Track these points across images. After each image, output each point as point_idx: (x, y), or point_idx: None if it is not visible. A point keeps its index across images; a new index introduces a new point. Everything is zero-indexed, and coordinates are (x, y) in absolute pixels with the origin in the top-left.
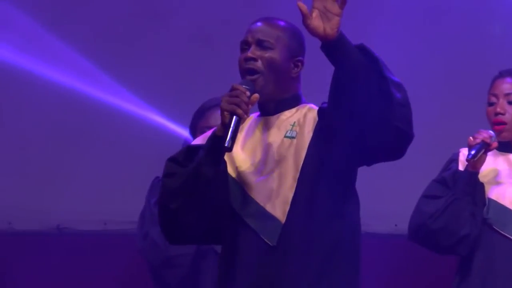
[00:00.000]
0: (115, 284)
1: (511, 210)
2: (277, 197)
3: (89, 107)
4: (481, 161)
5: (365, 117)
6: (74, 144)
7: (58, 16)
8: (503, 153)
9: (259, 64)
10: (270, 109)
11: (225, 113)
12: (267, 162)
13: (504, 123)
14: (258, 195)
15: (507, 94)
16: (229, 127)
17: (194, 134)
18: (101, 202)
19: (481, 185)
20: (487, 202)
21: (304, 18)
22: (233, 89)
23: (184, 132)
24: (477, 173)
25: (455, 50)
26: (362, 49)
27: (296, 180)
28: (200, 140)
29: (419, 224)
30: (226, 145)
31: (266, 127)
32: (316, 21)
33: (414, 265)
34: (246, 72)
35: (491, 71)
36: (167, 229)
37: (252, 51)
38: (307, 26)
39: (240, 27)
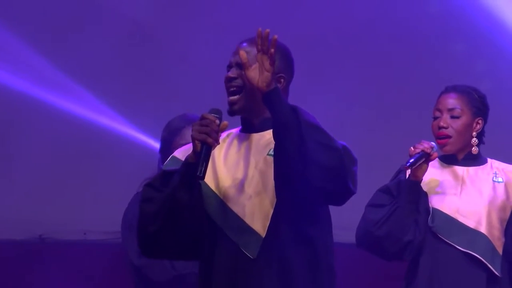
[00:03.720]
0: None
1: (454, 219)
2: (258, 212)
3: (69, 121)
4: (423, 170)
5: (290, 173)
6: (52, 158)
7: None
8: (448, 165)
9: (239, 82)
10: (254, 126)
11: (196, 142)
12: (249, 178)
13: (448, 137)
14: (240, 210)
15: (451, 109)
16: (200, 156)
17: (169, 150)
18: (81, 212)
19: (425, 194)
20: (431, 211)
21: (243, 66)
22: (202, 118)
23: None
24: (418, 182)
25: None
26: (294, 110)
27: (276, 197)
28: (179, 153)
29: (364, 231)
30: (198, 174)
31: (249, 145)
32: (253, 73)
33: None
34: (228, 93)
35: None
36: (146, 249)
37: (232, 71)
38: (245, 75)
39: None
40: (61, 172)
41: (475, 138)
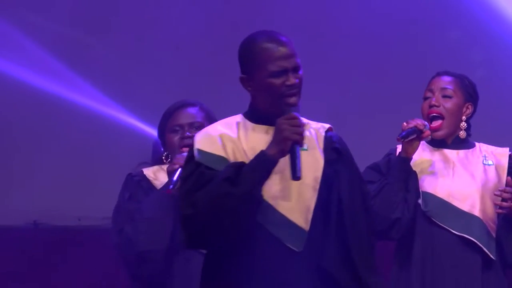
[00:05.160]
0: (89, 278)
1: (448, 203)
2: (299, 206)
3: (61, 106)
4: (413, 147)
5: None
6: (51, 143)
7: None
8: (437, 148)
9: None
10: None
11: (288, 141)
12: (285, 171)
13: (440, 117)
14: (279, 204)
15: (443, 89)
16: (296, 157)
17: (163, 134)
18: (76, 198)
19: (414, 173)
20: (422, 195)
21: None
22: (293, 117)
23: (154, 132)
24: (409, 159)
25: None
26: None
27: (317, 190)
28: (208, 147)
29: None
30: (298, 175)
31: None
32: None
33: None
34: (289, 94)
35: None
36: (197, 240)
37: (295, 76)
38: None
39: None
40: (55, 159)
41: (464, 122)
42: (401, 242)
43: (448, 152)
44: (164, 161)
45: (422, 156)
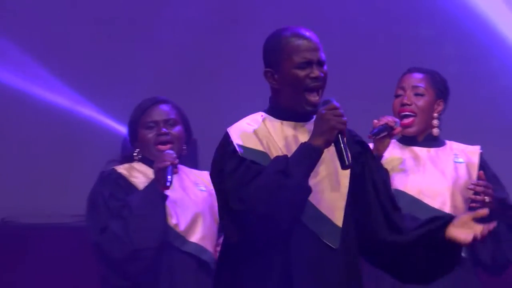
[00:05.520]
0: (59, 275)
1: (419, 201)
2: (332, 203)
3: (30, 103)
4: (384, 145)
5: None
6: (19, 140)
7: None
8: (407, 146)
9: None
10: (304, 116)
11: (334, 131)
12: (322, 171)
13: (412, 115)
14: (315, 200)
15: (415, 87)
16: (343, 145)
17: (136, 129)
18: (45, 196)
19: (386, 171)
20: (394, 192)
21: None
22: (335, 107)
23: (122, 129)
24: (380, 156)
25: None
26: None
27: (347, 187)
28: (247, 141)
29: None
30: (348, 163)
31: (303, 134)
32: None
33: None
34: (313, 88)
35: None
36: (250, 234)
37: (320, 70)
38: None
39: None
40: (24, 156)
41: (436, 120)
42: None
43: (419, 149)
44: (136, 158)
45: (393, 153)
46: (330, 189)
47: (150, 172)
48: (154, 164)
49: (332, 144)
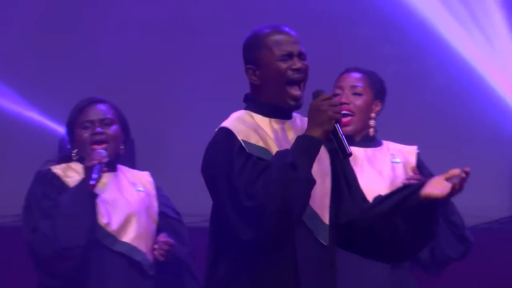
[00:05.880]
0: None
1: None
2: (321, 201)
3: None
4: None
5: None
6: None
7: None
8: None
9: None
10: (287, 113)
11: (332, 121)
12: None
13: (350, 114)
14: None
15: (353, 87)
16: (340, 135)
17: (73, 129)
18: None
19: None
20: None
21: None
22: (329, 97)
23: (60, 129)
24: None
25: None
26: None
27: (330, 186)
28: (250, 138)
29: None
30: (349, 152)
31: (291, 131)
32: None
33: None
34: (296, 81)
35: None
36: (264, 230)
37: (301, 63)
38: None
39: None
40: None
41: (373, 120)
42: None
43: (356, 149)
44: (74, 158)
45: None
46: (319, 187)
47: None
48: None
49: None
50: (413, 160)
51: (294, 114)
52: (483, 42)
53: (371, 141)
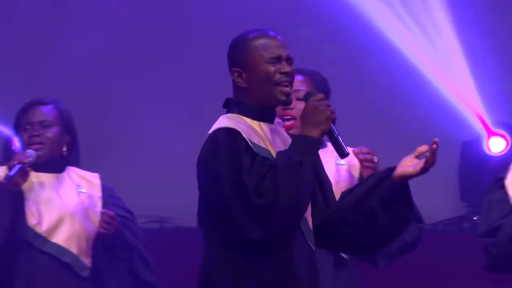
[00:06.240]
0: None
1: None
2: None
3: None
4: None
5: None
6: None
7: None
8: None
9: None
10: (272, 117)
11: (329, 121)
12: None
13: (293, 118)
14: None
15: (296, 90)
16: (337, 135)
17: (17, 131)
18: None
19: None
20: None
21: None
22: (323, 98)
23: (5, 129)
24: None
25: None
26: None
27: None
28: (253, 138)
29: None
30: (347, 152)
31: (277, 135)
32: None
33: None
34: (284, 84)
35: None
36: (274, 228)
37: (290, 67)
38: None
39: None
40: None
41: None
42: None
43: None
44: None
45: None
46: None
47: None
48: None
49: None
50: (356, 162)
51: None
52: (426, 43)
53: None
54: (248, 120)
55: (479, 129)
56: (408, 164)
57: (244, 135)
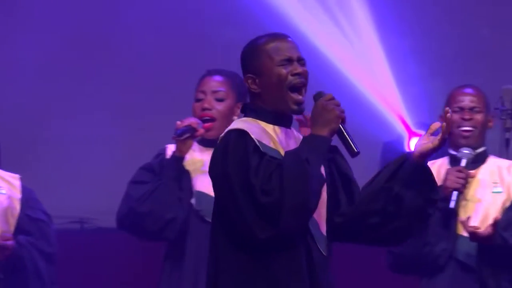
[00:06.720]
0: None
1: None
2: (318, 210)
3: None
4: (187, 146)
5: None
6: None
7: None
8: (207, 148)
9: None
10: (288, 121)
11: (339, 120)
12: None
13: (212, 120)
14: None
15: (215, 91)
16: (347, 134)
17: None
18: None
19: (187, 172)
20: (195, 194)
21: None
22: (333, 97)
23: None
24: (182, 158)
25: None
26: None
27: (326, 197)
28: (263, 139)
29: (127, 209)
30: (358, 150)
31: (291, 139)
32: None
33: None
34: (298, 87)
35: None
36: (285, 225)
37: (302, 68)
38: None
39: None
40: None
41: None
42: (173, 242)
43: None
44: None
45: (194, 155)
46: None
47: None
48: None
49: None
50: None
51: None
52: (346, 43)
53: None
54: (262, 123)
55: (400, 130)
56: (425, 142)
57: (252, 136)
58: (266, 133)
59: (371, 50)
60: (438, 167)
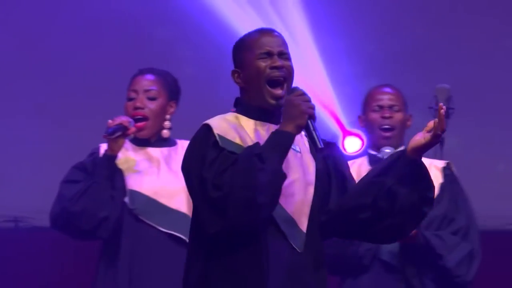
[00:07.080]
0: None
1: (154, 200)
2: (299, 208)
3: None
4: (119, 144)
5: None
6: None
7: None
8: (141, 147)
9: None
10: (272, 116)
11: (305, 116)
12: (290, 168)
13: (145, 118)
14: (283, 201)
15: (147, 90)
16: (313, 130)
17: None
18: None
19: (120, 171)
20: (129, 193)
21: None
22: (302, 93)
23: None
24: (114, 156)
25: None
26: None
27: (312, 195)
28: (226, 134)
29: (60, 208)
30: (321, 145)
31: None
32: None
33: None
34: (275, 81)
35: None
36: (232, 220)
37: (280, 62)
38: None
39: None
40: None
41: (168, 121)
42: (108, 241)
43: (152, 150)
44: None
45: (127, 154)
46: (298, 194)
47: None
48: None
49: (297, 150)
50: None
51: None
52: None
53: (165, 141)
54: (243, 119)
55: (334, 129)
56: (418, 138)
57: (215, 131)
58: (236, 129)
59: (305, 50)
60: (358, 166)
